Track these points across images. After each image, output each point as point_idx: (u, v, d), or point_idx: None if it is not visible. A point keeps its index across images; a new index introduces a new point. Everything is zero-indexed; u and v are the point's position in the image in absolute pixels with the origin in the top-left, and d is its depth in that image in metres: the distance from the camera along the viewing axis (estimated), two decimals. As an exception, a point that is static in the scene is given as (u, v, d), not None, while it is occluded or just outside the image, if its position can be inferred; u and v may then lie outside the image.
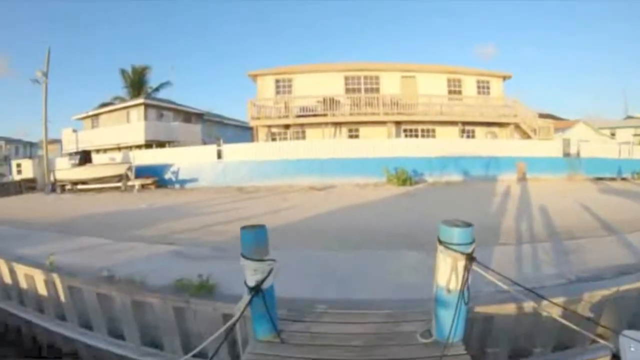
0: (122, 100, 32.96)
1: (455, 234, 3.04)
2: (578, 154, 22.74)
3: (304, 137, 22.17)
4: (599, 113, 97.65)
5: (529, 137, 22.96)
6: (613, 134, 43.36)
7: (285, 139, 22.24)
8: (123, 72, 35.41)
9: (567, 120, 37.83)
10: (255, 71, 23.74)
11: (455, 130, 21.89)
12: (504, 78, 25.25)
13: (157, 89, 36.07)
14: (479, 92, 24.21)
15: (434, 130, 22.44)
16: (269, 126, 22.22)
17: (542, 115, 28.68)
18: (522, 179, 19.57)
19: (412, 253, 6.12)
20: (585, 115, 38.45)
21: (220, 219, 9.85)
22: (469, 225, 3.11)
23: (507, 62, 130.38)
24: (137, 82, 35.25)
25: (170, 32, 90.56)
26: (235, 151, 20.09)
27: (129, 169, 19.62)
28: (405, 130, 22.18)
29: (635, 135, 40.56)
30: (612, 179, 22.45)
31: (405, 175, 16.91)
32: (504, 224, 8.76)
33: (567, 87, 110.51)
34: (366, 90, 22.75)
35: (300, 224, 9.12)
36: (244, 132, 32.16)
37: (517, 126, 22.92)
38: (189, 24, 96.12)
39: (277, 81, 23.42)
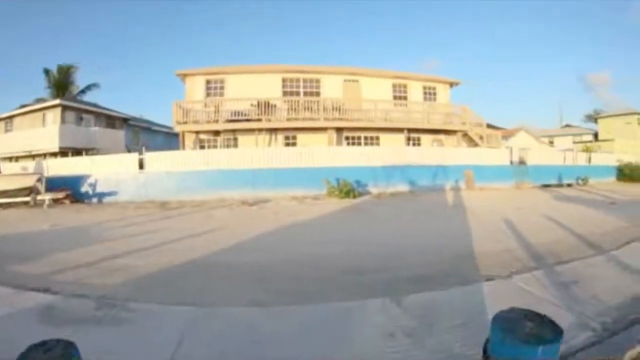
0: (44, 102, 29.60)
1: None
2: (525, 161, 22.20)
3: (235, 145, 20.44)
4: (535, 123, 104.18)
5: (476, 144, 22.38)
6: (552, 142, 46.60)
7: (215, 146, 20.44)
8: (47, 71, 32.38)
9: (508, 129, 38.34)
10: (185, 70, 21.73)
11: (400, 137, 21.03)
12: (452, 84, 24.91)
13: (83, 91, 33.37)
14: (425, 99, 23.77)
15: (378, 138, 21.54)
16: (197, 132, 20.37)
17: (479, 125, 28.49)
18: (471, 187, 18.91)
19: (376, 303, 4.47)
20: (521, 124, 39.82)
21: (127, 247, 7.86)
22: (557, 331, 1.26)
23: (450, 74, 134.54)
24: (61, 83, 32.45)
25: (100, 31, 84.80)
26: (159, 160, 17.77)
27: (39, 180, 16.75)
28: (347, 138, 21.10)
29: (575, 142, 42.96)
30: (559, 185, 23.17)
31: (348, 187, 15.56)
32: (476, 247, 7.69)
33: (504, 98, 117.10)
34: (305, 94, 21.56)
35: (222, 256, 7.26)
36: (176, 140, 29.69)
37: (464, 134, 22.28)
38: (124, 23, 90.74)
39: (208, 82, 21.58)
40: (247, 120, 19.50)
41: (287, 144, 20.46)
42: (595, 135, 47.25)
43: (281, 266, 6.47)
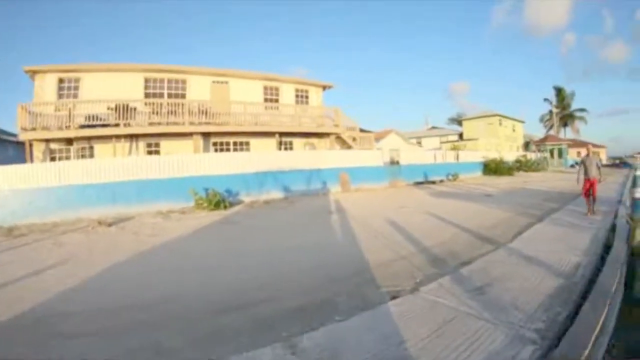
0: None
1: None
2: (398, 161, 23.19)
3: (91, 155, 18.43)
4: (404, 125, 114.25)
5: (349, 147, 22.87)
6: (419, 143, 52.15)
7: (68, 157, 18.12)
8: None
9: (379, 131, 40.42)
10: (35, 66, 18.69)
11: (272, 142, 21.00)
12: (324, 88, 25.32)
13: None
14: (297, 102, 24.07)
15: (248, 143, 21.28)
16: (48, 140, 17.90)
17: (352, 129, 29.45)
18: (347, 189, 19.30)
19: (266, 354, 3.47)
20: (391, 127, 42.50)
21: None
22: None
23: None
24: None
25: None
26: (1, 176, 15.06)
27: None
28: (215, 144, 20.47)
29: (441, 142, 47.15)
30: (432, 182, 24.69)
31: (217, 197, 14.89)
32: (369, 258, 7.20)
33: (373, 102, 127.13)
34: (170, 95, 20.43)
35: (58, 304, 5.47)
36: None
37: (337, 136, 22.64)
38: None
39: (62, 81, 19.08)
40: (104, 125, 17.74)
41: (150, 152, 19.05)
42: (461, 136, 53.14)
43: (130, 312, 5.08)
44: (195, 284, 6.24)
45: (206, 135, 19.53)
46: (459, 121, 61.17)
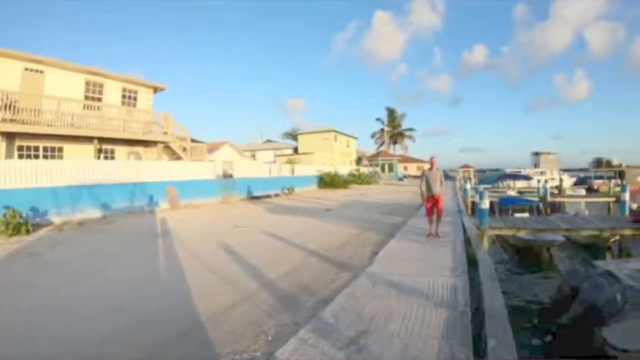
0: None
1: None
2: (231, 174, 22.86)
3: None
4: (239, 138, 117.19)
5: (179, 158, 21.90)
6: (254, 156, 53.98)
7: None
8: None
9: (212, 142, 40.10)
10: None
11: (90, 148, 19.00)
12: (156, 89, 23.85)
13: None
14: (124, 103, 22.42)
15: (61, 149, 18.89)
16: None
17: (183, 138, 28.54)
18: (176, 206, 18.57)
19: None
20: (226, 139, 42.50)
21: None
22: None
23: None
24: None
25: None
26: None
27: None
28: (21, 148, 17.51)
29: (276, 156, 50.52)
30: (267, 196, 24.92)
31: (16, 220, 12.16)
32: (200, 303, 5.86)
33: (209, 114, 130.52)
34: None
35: None
36: None
37: (166, 146, 21.47)
38: None
39: None
40: None
41: None
42: (296, 149, 56.24)
43: None
44: None
45: (10, 136, 16.65)
46: (293, 135, 65.55)
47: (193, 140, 25.91)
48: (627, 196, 15.91)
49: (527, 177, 38.42)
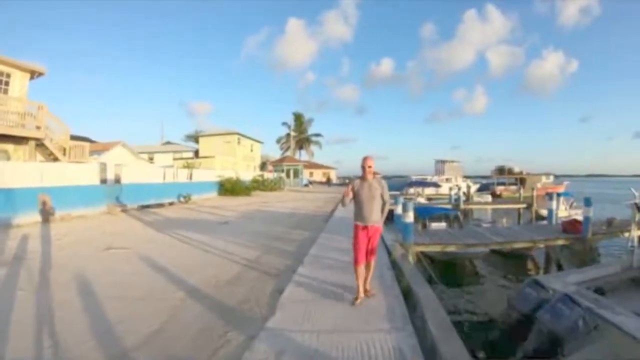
0: None
1: None
2: (119, 180, 20.28)
3: None
4: (137, 139, 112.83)
5: (56, 158, 18.87)
6: (152, 159, 50.17)
7: None
8: None
9: (103, 143, 36.92)
10: None
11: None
12: (33, 74, 20.35)
13: None
14: None
15: None
16: None
17: (75, 138, 25.51)
18: (50, 219, 15.50)
19: None
20: (120, 139, 39.18)
21: None
22: None
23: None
24: None
25: None
26: None
27: None
28: None
29: (175, 159, 48.80)
30: (160, 205, 23.16)
31: None
32: None
33: (105, 113, 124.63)
34: None
35: None
36: None
37: (40, 144, 18.35)
38: None
39: None
40: None
41: None
42: (196, 153, 54.11)
43: None
44: None
45: None
46: (196, 138, 63.42)
47: (75, 137, 22.96)
48: (554, 205, 16.51)
49: (436, 185, 39.52)
